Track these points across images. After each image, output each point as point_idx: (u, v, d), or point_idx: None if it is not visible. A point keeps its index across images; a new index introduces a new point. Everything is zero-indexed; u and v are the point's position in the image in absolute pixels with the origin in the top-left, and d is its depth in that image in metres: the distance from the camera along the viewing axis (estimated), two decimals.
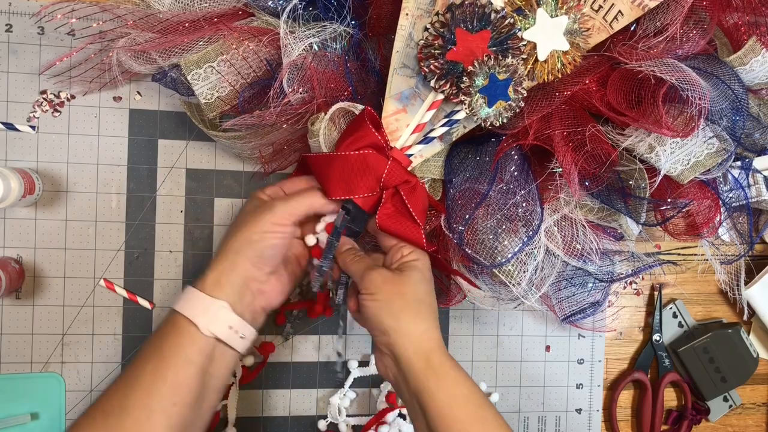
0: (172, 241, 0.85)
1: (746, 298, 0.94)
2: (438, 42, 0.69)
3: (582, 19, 0.72)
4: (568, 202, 0.79)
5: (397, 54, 0.72)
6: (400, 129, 0.74)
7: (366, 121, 0.70)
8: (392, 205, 0.72)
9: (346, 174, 0.71)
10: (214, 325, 0.67)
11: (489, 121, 0.72)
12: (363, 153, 0.70)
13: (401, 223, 0.72)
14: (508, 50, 0.69)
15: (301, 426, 0.90)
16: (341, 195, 0.71)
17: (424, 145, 0.75)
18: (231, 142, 0.77)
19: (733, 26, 0.79)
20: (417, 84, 0.74)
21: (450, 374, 0.68)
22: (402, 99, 0.74)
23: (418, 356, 0.67)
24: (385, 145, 0.72)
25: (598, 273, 0.82)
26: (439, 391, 0.66)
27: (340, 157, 0.70)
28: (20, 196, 0.74)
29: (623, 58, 0.74)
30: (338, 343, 0.89)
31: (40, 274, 0.82)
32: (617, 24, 0.74)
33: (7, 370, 0.82)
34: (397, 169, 0.72)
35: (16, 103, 0.80)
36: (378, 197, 0.72)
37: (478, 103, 0.70)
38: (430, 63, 0.70)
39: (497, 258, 0.75)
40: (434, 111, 0.74)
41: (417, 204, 0.72)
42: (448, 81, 0.70)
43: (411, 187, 0.72)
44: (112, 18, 0.73)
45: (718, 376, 0.95)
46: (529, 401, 0.95)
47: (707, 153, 0.77)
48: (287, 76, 0.70)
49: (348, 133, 0.72)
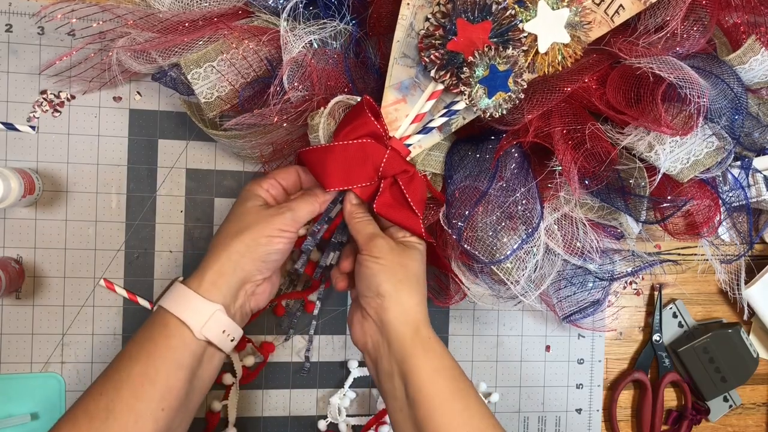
0: (172, 241, 0.85)
1: (746, 298, 0.94)
2: (439, 32, 0.69)
3: (583, 12, 0.72)
4: (568, 200, 0.79)
5: (397, 44, 0.72)
6: (399, 119, 0.74)
7: (365, 109, 0.70)
8: (390, 195, 0.72)
9: (344, 164, 0.70)
10: (208, 328, 0.67)
11: (489, 113, 0.71)
12: (362, 142, 0.70)
13: (399, 212, 0.72)
14: (508, 42, 0.69)
15: (301, 426, 0.90)
16: (339, 185, 0.71)
17: (423, 135, 0.75)
18: (231, 141, 0.77)
19: (732, 26, 0.79)
20: (417, 74, 0.74)
21: (436, 348, 0.69)
22: (402, 89, 0.74)
23: (408, 326, 0.68)
24: (384, 134, 0.72)
25: (599, 272, 0.82)
26: (425, 361, 0.67)
27: (338, 147, 0.70)
28: (20, 196, 0.74)
29: (623, 54, 0.74)
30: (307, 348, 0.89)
31: (40, 274, 0.82)
32: (618, 18, 0.74)
33: (7, 370, 0.82)
34: (396, 159, 0.72)
35: (16, 103, 0.80)
36: (376, 187, 0.72)
37: (478, 93, 0.70)
38: (430, 53, 0.70)
39: (496, 255, 0.75)
40: (434, 101, 0.74)
41: (415, 194, 0.72)
42: (448, 71, 0.70)
43: (409, 177, 0.72)
44: (112, 18, 0.73)
45: (718, 376, 0.95)
46: (529, 401, 0.95)
47: (706, 151, 0.77)
48: (287, 72, 0.71)
49: (346, 121, 0.71)
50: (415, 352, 0.67)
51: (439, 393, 0.66)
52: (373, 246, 0.70)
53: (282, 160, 0.83)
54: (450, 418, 0.65)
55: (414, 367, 0.67)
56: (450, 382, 0.67)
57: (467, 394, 0.67)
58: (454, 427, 0.65)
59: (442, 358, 0.68)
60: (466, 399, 0.67)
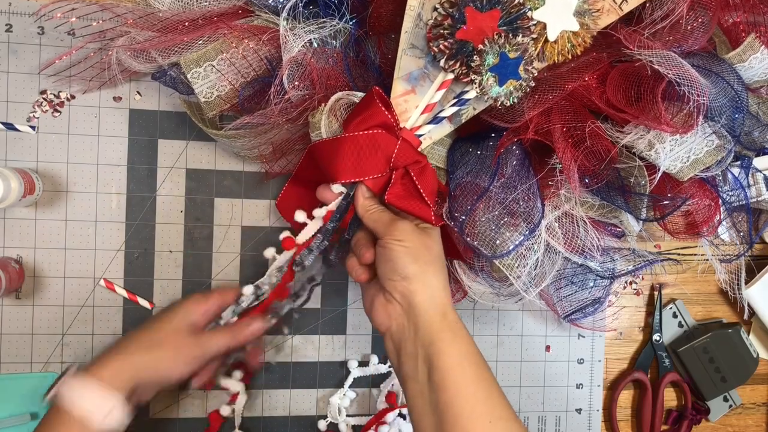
0: (172, 241, 0.85)
1: (746, 298, 0.94)
2: (447, 21, 0.68)
3: (592, 0, 0.72)
4: (569, 198, 0.79)
5: (406, 34, 0.72)
6: (409, 110, 0.73)
7: (375, 100, 0.69)
8: (402, 186, 0.71)
9: (355, 155, 0.70)
10: (108, 420, 0.68)
11: (500, 101, 0.70)
12: (373, 133, 0.69)
13: (411, 204, 0.71)
14: (518, 30, 0.68)
15: (301, 426, 0.89)
16: (351, 177, 0.70)
17: (433, 126, 0.74)
18: (231, 141, 0.77)
19: (731, 24, 0.80)
20: (426, 64, 0.73)
21: (463, 333, 0.68)
22: (411, 80, 0.73)
23: (436, 309, 0.67)
24: (395, 125, 0.71)
25: (599, 270, 0.82)
26: (452, 345, 0.66)
27: (349, 138, 0.70)
28: (20, 196, 0.74)
29: (626, 42, 0.73)
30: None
31: (40, 274, 0.82)
32: (627, 6, 0.73)
33: (7, 370, 0.82)
34: (407, 149, 0.71)
35: (16, 103, 0.80)
36: (387, 178, 0.71)
37: (489, 82, 0.69)
38: (439, 43, 0.69)
39: (498, 250, 0.75)
40: (444, 91, 0.73)
41: (427, 185, 0.71)
42: (458, 60, 0.69)
43: (421, 168, 0.71)
44: (112, 17, 0.74)
45: (718, 376, 0.95)
46: (529, 401, 0.95)
47: (706, 150, 0.77)
48: (287, 72, 0.71)
49: (356, 113, 0.71)
50: (443, 336, 0.66)
51: (464, 379, 0.65)
52: (395, 229, 0.69)
53: (284, 162, 0.83)
54: (473, 405, 0.64)
55: (440, 351, 0.66)
56: (475, 369, 0.66)
57: (491, 384, 0.67)
58: (477, 415, 0.64)
59: (468, 344, 0.67)
60: (490, 388, 0.66)
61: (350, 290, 0.89)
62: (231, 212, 0.86)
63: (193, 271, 0.85)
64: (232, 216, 0.86)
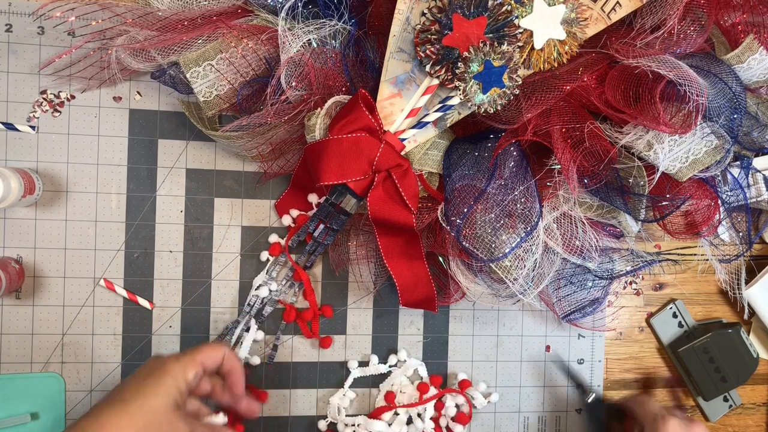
0: (172, 241, 0.85)
1: (746, 298, 0.94)
2: (435, 27, 0.69)
3: (580, 9, 0.72)
4: (567, 199, 0.79)
5: (393, 38, 0.73)
6: (394, 113, 0.74)
7: (359, 103, 0.71)
8: (383, 190, 0.73)
9: (338, 158, 0.71)
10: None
11: (483, 108, 0.72)
12: (356, 136, 0.71)
13: (392, 207, 0.73)
14: (504, 37, 0.70)
15: (301, 426, 0.89)
16: (334, 179, 0.72)
17: (418, 130, 0.75)
18: (230, 142, 0.77)
19: (730, 25, 0.79)
20: (413, 69, 0.74)
21: None
22: (397, 83, 0.74)
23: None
24: (379, 129, 0.72)
25: (598, 270, 0.82)
26: None
27: (333, 141, 0.71)
28: (20, 196, 0.74)
29: (620, 56, 0.74)
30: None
31: (40, 274, 0.82)
32: (615, 15, 0.74)
33: (7, 370, 0.82)
34: (390, 153, 0.72)
35: (16, 103, 0.80)
36: (370, 181, 0.73)
37: (473, 89, 0.70)
38: (426, 48, 0.70)
39: (494, 253, 0.75)
40: (429, 96, 0.74)
41: (409, 188, 0.73)
42: (443, 66, 0.71)
43: (403, 171, 0.73)
44: (112, 16, 0.74)
45: (718, 376, 0.95)
46: (529, 401, 0.95)
47: (705, 150, 0.77)
48: (285, 72, 0.71)
49: (341, 115, 0.72)
50: None
51: None
52: (670, 427, 0.78)
53: (282, 163, 0.83)
54: None
55: None
56: None
57: None
58: None
59: None
60: None
61: (350, 290, 0.90)
62: (231, 212, 0.86)
63: (193, 271, 0.86)
64: (232, 216, 0.86)
